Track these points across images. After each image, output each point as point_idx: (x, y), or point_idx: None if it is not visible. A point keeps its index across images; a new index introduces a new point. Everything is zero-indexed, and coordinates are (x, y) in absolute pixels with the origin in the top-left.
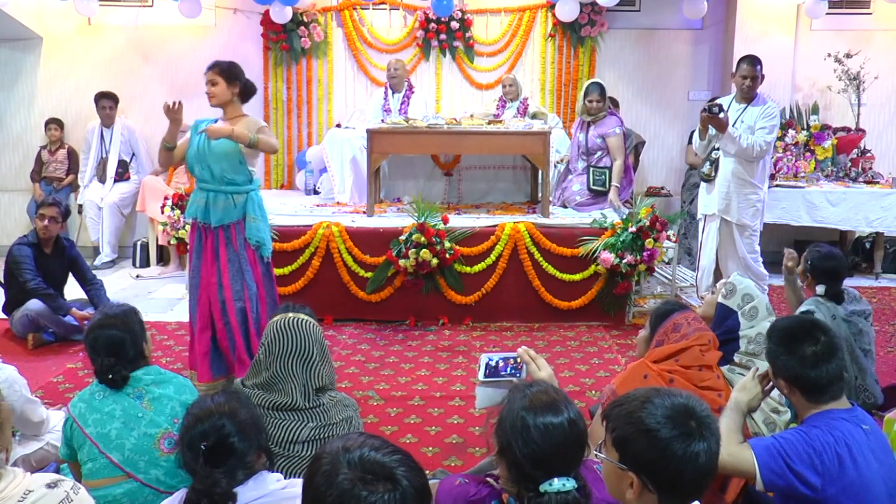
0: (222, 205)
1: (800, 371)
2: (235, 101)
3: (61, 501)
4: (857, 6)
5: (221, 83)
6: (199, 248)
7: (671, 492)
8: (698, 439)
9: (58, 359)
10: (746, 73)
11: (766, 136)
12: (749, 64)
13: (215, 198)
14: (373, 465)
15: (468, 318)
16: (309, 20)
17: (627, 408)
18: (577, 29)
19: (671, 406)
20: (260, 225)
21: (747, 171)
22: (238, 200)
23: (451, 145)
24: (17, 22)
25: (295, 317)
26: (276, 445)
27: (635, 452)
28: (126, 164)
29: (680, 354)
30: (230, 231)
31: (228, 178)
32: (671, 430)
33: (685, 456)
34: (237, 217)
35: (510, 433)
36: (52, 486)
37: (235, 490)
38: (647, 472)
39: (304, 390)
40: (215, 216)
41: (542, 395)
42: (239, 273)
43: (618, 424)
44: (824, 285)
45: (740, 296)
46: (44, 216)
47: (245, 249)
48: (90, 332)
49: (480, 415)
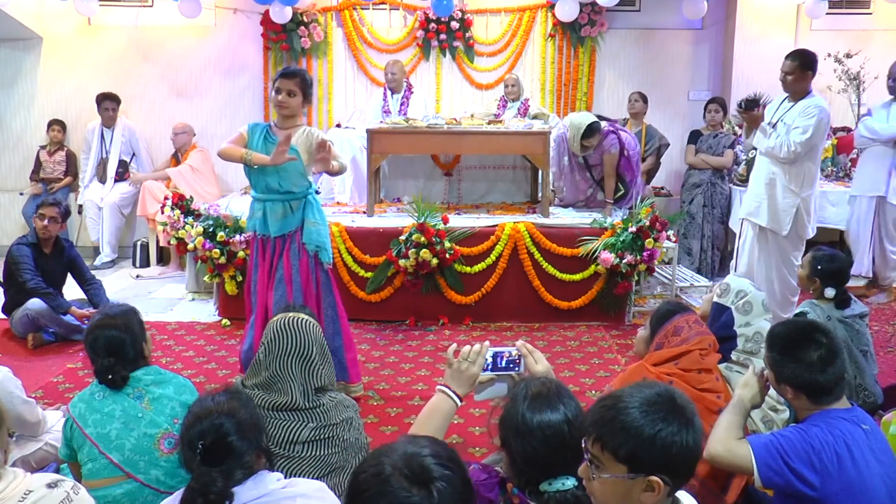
0: (280, 213)
1: (809, 377)
2: (301, 112)
3: (61, 501)
4: (857, 6)
5: (300, 96)
6: (257, 262)
7: (681, 477)
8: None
9: (58, 359)
10: (783, 68)
11: (799, 135)
12: (787, 58)
13: (272, 207)
14: (418, 468)
15: (468, 318)
16: (309, 20)
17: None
18: (577, 29)
19: (650, 401)
20: (320, 229)
21: (781, 174)
22: (296, 206)
23: (451, 145)
24: (17, 22)
25: (295, 316)
26: (277, 446)
27: (652, 460)
28: (126, 164)
29: (680, 358)
30: (286, 241)
31: (286, 188)
32: (665, 424)
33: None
34: (296, 224)
35: (511, 433)
36: (53, 486)
37: (234, 490)
38: (663, 469)
39: (304, 390)
40: (274, 226)
41: (541, 391)
42: (280, 283)
43: (617, 445)
44: (834, 289)
45: (734, 293)
46: (43, 216)
47: (298, 258)
48: (90, 333)
49: (480, 415)
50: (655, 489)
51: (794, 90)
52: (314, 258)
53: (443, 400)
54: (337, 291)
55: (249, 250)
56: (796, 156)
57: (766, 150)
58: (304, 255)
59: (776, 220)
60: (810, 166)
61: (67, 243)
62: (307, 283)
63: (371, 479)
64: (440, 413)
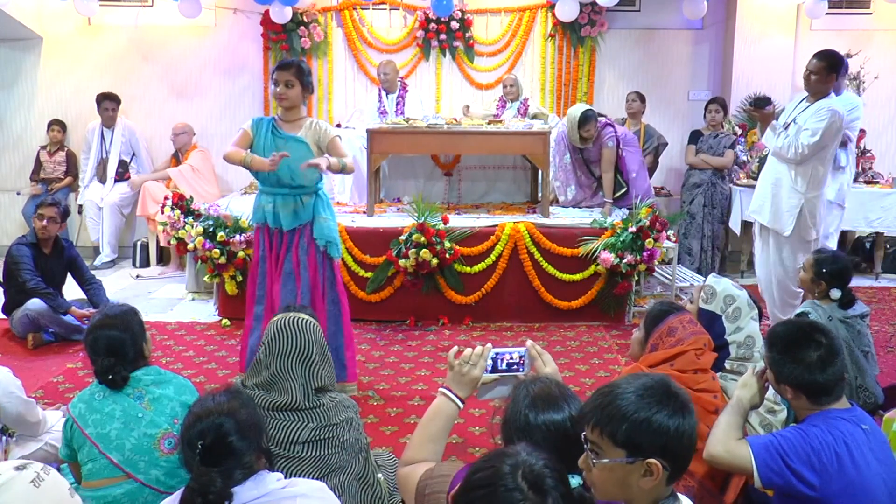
0: (292, 207)
1: (808, 378)
2: (301, 103)
3: (32, 481)
4: (857, 6)
5: (298, 86)
6: (264, 254)
7: (679, 463)
8: (682, 409)
9: (58, 359)
10: (809, 66)
11: (807, 137)
12: (814, 57)
13: (284, 200)
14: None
15: (468, 318)
16: (309, 20)
17: (614, 409)
18: (577, 29)
19: (646, 386)
20: (331, 224)
21: (788, 174)
22: (307, 201)
23: (451, 145)
24: (17, 22)
25: (295, 316)
26: (277, 446)
27: (649, 443)
28: (126, 164)
29: (675, 359)
30: (294, 235)
31: (297, 181)
32: (661, 407)
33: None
34: (307, 218)
35: (514, 431)
36: (21, 469)
37: (234, 490)
38: (660, 453)
39: (304, 390)
40: (286, 220)
41: (545, 391)
42: (290, 277)
43: (615, 428)
44: (840, 290)
45: (721, 298)
46: (43, 216)
47: (307, 254)
48: (90, 333)
49: (481, 415)
50: (654, 473)
51: (815, 90)
52: (323, 253)
53: (445, 403)
54: (342, 288)
55: (254, 242)
56: (803, 157)
57: (775, 150)
58: (312, 249)
59: (778, 220)
60: (819, 168)
61: (67, 243)
62: (314, 278)
63: (490, 477)
64: (442, 416)
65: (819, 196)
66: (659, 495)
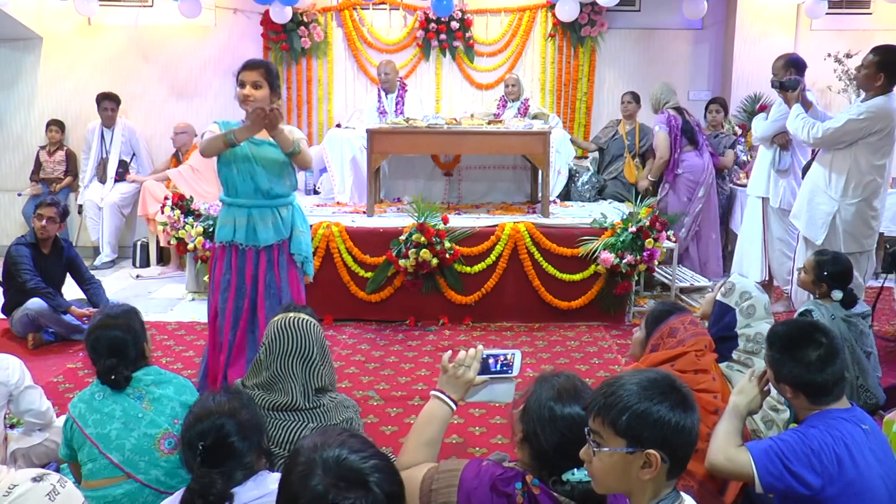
0: (270, 221)
1: (807, 377)
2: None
3: (48, 494)
4: (857, 6)
5: (266, 87)
6: (230, 277)
7: (679, 458)
8: (684, 404)
9: (58, 359)
10: (863, 60)
11: (830, 123)
12: (871, 52)
13: (261, 214)
14: (347, 471)
15: (468, 318)
16: (309, 20)
17: (617, 399)
18: (577, 29)
19: (650, 379)
20: (308, 238)
21: (823, 177)
22: (285, 214)
23: (451, 145)
24: (17, 22)
25: (295, 316)
26: (277, 446)
27: (649, 433)
28: (126, 164)
29: (676, 360)
30: (272, 252)
31: (275, 190)
32: (663, 399)
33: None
34: (287, 234)
35: (537, 422)
36: (38, 480)
37: (234, 490)
38: (660, 445)
39: (305, 390)
40: (264, 235)
41: (568, 385)
42: (276, 298)
43: (616, 416)
44: (841, 291)
45: (738, 293)
46: (42, 216)
47: (286, 270)
48: (91, 333)
49: (480, 415)
50: (653, 464)
51: (863, 86)
52: (300, 269)
53: (438, 406)
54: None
55: (216, 265)
56: (815, 142)
57: (792, 130)
58: (292, 266)
59: (812, 227)
60: (848, 168)
61: (66, 243)
62: (298, 296)
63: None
64: (436, 419)
65: (855, 204)
66: (659, 490)
